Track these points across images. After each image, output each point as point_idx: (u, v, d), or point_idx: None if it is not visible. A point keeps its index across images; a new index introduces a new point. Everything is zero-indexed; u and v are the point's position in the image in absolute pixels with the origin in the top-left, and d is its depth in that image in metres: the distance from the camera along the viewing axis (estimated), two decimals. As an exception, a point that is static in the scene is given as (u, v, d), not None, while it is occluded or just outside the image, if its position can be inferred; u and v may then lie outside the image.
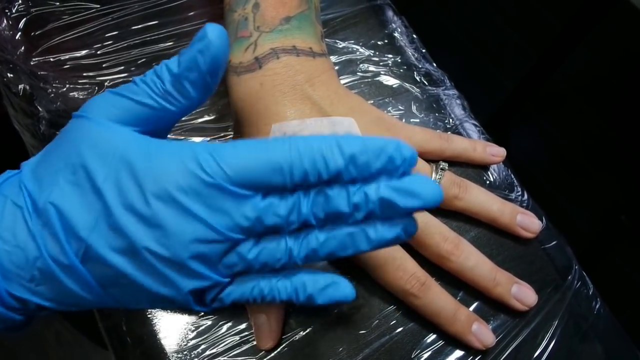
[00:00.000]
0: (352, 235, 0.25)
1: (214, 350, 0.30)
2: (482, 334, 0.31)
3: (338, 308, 0.32)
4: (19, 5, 0.38)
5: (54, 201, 0.24)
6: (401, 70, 0.40)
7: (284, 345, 0.30)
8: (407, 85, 0.40)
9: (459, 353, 0.31)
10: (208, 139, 0.36)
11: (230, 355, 0.30)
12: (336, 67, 0.39)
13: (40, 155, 0.26)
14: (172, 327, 0.31)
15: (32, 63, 0.37)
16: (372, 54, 0.40)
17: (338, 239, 0.25)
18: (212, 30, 0.24)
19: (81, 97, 0.36)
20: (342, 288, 0.25)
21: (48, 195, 0.24)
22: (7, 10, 0.38)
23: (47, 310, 0.26)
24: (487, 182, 0.36)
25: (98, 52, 0.38)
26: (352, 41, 0.41)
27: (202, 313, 0.31)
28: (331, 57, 0.39)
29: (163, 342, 0.30)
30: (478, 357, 0.31)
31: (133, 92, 0.26)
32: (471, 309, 0.32)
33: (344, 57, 0.40)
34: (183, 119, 0.36)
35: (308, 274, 0.26)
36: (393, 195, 0.23)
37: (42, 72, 0.37)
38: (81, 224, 0.24)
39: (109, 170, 0.24)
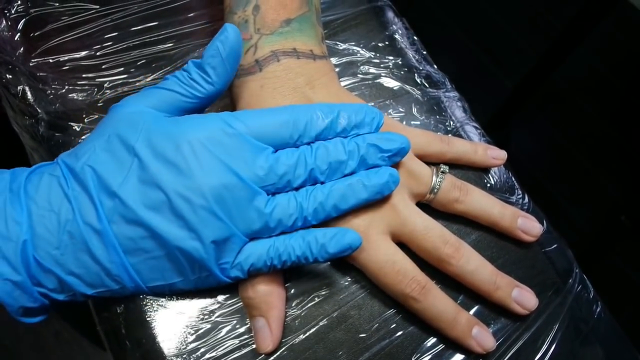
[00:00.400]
0: (351, 185, 0.29)
1: (213, 354, 0.30)
2: (483, 337, 0.31)
3: (338, 311, 0.31)
4: (18, 5, 0.38)
5: (89, 163, 0.27)
6: (402, 72, 0.40)
7: (283, 348, 0.30)
8: (407, 87, 0.39)
9: (459, 357, 0.31)
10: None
11: (230, 358, 0.30)
12: (337, 69, 0.39)
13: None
14: (171, 331, 0.31)
15: (31, 64, 0.37)
16: (372, 56, 0.40)
17: (340, 190, 0.29)
18: (230, 27, 0.29)
19: (80, 98, 0.36)
20: (350, 234, 0.29)
21: (85, 161, 0.27)
22: (6, 11, 0.38)
23: (64, 291, 0.28)
24: (488, 184, 0.36)
25: (97, 54, 0.38)
26: (353, 43, 0.41)
27: (202, 316, 0.31)
28: (332, 58, 0.39)
29: (162, 345, 0.30)
30: (478, 361, 0.31)
31: (164, 83, 0.30)
32: (471, 312, 0.32)
33: (344, 59, 0.40)
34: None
35: (318, 230, 0.29)
36: (377, 141, 0.30)
37: (41, 74, 0.36)
38: (113, 180, 0.27)
39: (140, 134, 0.27)
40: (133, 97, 0.30)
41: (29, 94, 0.36)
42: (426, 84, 0.40)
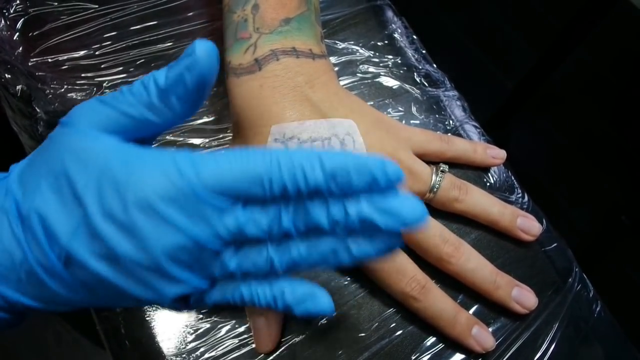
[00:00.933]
0: (334, 249, 0.24)
1: (212, 353, 0.30)
2: (482, 337, 0.31)
3: (337, 310, 0.31)
4: (17, 5, 0.38)
5: (36, 208, 0.24)
6: (401, 72, 0.40)
7: (283, 348, 0.30)
8: (407, 86, 0.39)
9: (459, 356, 0.31)
10: (207, 140, 0.36)
11: (229, 358, 0.30)
12: (336, 68, 0.39)
13: (28, 160, 0.26)
14: (170, 330, 0.31)
15: (30, 64, 0.37)
16: (372, 55, 0.40)
17: (320, 252, 0.24)
18: (201, 47, 0.24)
19: (79, 98, 0.36)
20: (320, 302, 0.25)
21: (31, 201, 0.24)
22: (5, 11, 0.38)
23: (37, 310, 0.26)
24: (488, 184, 0.36)
25: (96, 53, 0.38)
26: (352, 42, 0.41)
27: (201, 315, 0.31)
28: (331, 58, 0.39)
29: (161, 344, 0.30)
30: (478, 360, 0.31)
31: (119, 101, 0.25)
32: (471, 312, 0.32)
33: (343, 58, 0.40)
34: (182, 120, 0.36)
35: (288, 281, 0.25)
36: (373, 215, 0.23)
37: (40, 73, 0.36)
38: (62, 231, 0.23)
39: (89, 177, 0.24)
40: (83, 111, 0.25)
41: (27, 93, 0.36)
42: (425, 83, 0.40)
